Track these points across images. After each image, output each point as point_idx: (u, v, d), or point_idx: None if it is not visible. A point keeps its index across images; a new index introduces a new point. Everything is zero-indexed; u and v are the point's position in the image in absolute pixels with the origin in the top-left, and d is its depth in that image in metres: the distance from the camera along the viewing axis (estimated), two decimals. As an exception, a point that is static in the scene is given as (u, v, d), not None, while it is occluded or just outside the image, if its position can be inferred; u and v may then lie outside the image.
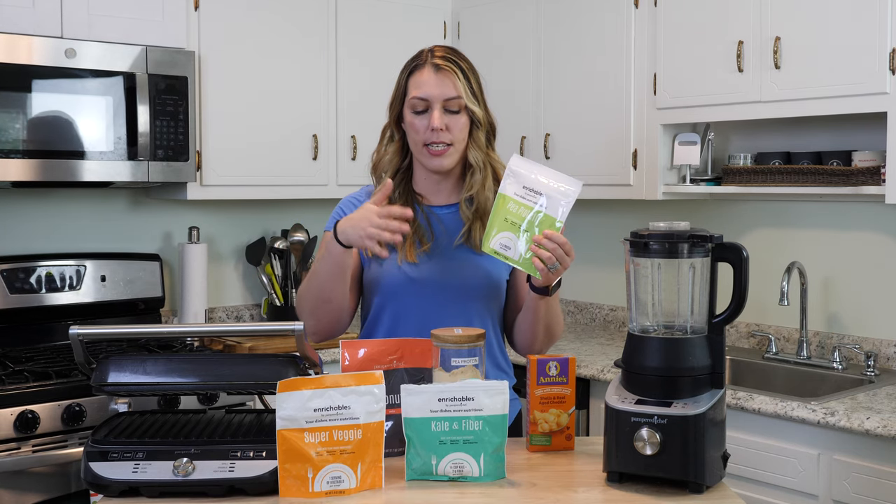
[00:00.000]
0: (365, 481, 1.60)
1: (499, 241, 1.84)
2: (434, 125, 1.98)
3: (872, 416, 2.41)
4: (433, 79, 2.00)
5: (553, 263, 1.81)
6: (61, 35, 3.02)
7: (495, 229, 1.84)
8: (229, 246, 3.86)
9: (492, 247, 1.84)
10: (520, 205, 1.83)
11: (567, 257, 1.82)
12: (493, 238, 1.84)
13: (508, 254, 1.83)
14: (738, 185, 3.21)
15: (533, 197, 1.83)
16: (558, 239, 1.81)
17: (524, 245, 1.83)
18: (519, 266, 1.84)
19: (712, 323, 1.68)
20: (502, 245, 1.83)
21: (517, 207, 1.83)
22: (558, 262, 1.81)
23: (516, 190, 1.84)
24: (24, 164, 2.94)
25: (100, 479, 1.58)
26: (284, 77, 3.58)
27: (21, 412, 2.61)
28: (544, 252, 1.80)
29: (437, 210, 2.09)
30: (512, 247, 1.83)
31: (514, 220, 1.83)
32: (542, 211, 1.83)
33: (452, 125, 2.00)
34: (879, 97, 2.75)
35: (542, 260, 1.80)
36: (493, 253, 1.84)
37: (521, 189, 1.84)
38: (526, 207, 1.83)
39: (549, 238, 1.80)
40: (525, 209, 1.83)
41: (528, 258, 1.82)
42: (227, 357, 1.86)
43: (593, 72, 3.52)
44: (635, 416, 1.61)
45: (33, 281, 3.25)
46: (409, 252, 2.02)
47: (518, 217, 1.83)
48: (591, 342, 3.58)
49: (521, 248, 1.83)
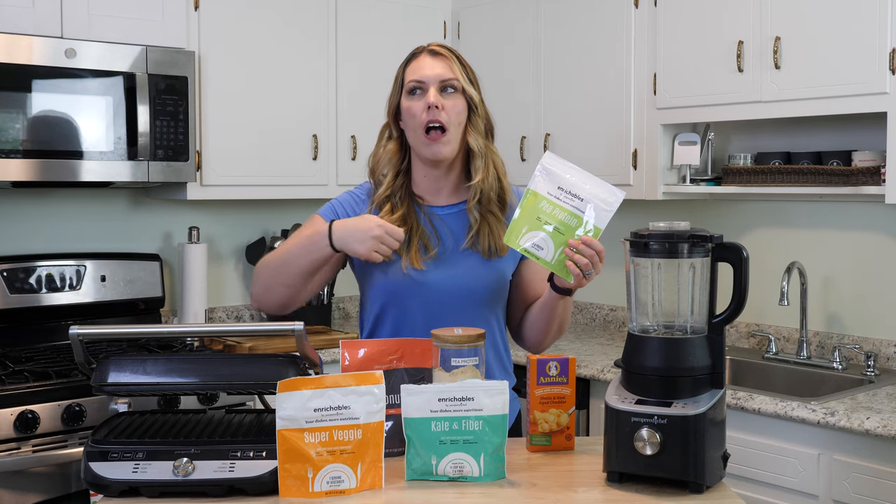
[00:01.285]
0: (365, 481, 1.60)
1: (531, 240, 1.80)
2: (430, 101, 1.97)
3: (872, 416, 2.41)
4: (429, 62, 2.01)
5: (588, 269, 1.80)
6: (61, 35, 3.02)
7: (526, 226, 1.81)
8: (229, 246, 3.86)
9: (522, 244, 1.81)
10: (554, 205, 1.80)
11: (600, 264, 1.82)
12: (523, 236, 1.81)
13: (540, 254, 1.81)
14: (738, 185, 3.21)
15: (569, 199, 1.80)
16: (596, 246, 1.80)
17: (557, 247, 1.80)
18: (550, 268, 1.82)
19: (712, 323, 1.68)
20: (535, 245, 1.80)
21: (551, 208, 1.80)
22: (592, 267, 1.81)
23: (550, 189, 1.81)
24: (25, 164, 2.94)
25: (100, 479, 1.58)
26: (284, 77, 3.58)
27: (21, 412, 2.61)
28: (581, 258, 1.79)
29: (440, 211, 2.07)
30: (545, 247, 1.80)
31: (547, 220, 1.80)
32: (580, 215, 1.80)
33: (449, 107, 1.99)
34: (879, 97, 2.75)
35: (579, 265, 1.79)
36: (522, 251, 1.82)
37: (555, 189, 1.81)
38: (561, 209, 1.80)
39: (588, 244, 1.79)
40: (560, 210, 1.80)
41: (561, 260, 1.80)
42: (227, 357, 1.86)
43: (593, 72, 3.52)
44: (635, 416, 1.61)
45: (33, 281, 3.25)
46: (414, 259, 2.00)
47: (552, 217, 1.80)
48: (591, 342, 3.58)
49: (554, 250, 1.80)
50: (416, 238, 2.01)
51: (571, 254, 1.79)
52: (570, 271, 1.80)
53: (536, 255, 1.81)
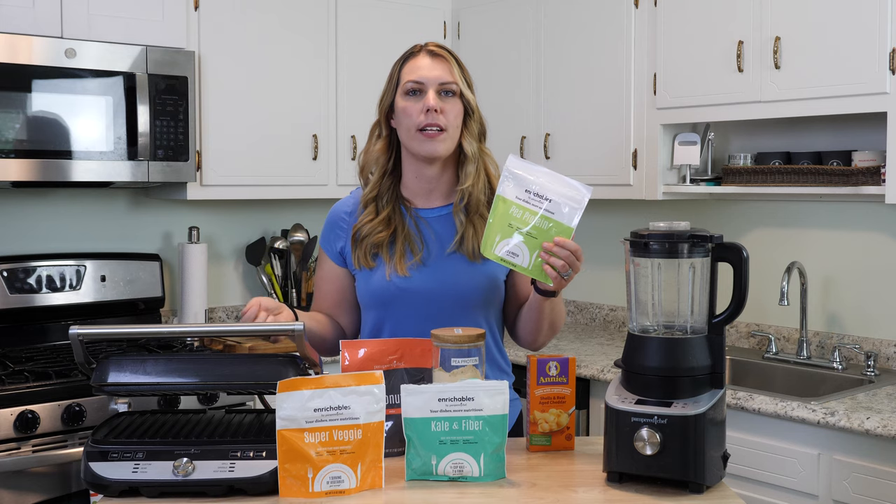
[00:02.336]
0: (365, 481, 1.60)
1: (504, 248, 1.79)
2: (430, 104, 1.96)
3: (872, 416, 2.41)
4: (429, 63, 2.00)
5: (566, 271, 1.80)
6: (61, 35, 3.02)
7: (498, 235, 1.79)
8: (229, 246, 3.86)
9: (497, 253, 1.79)
10: (524, 209, 1.79)
11: (578, 262, 1.80)
12: (497, 244, 1.79)
13: (516, 261, 1.79)
14: (738, 185, 3.21)
15: (538, 202, 1.79)
16: (570, 246, 1.78)
17: (532, 252, 1.79)
18: (528, 273, 1.81)
19: (712, 323, 1.68)
20: (509, 252, 1.79)
21: (521, 212, 1.79)
22: (570, 268, 1.80)
23: (518, 193, 1.79)
24: (24, 164, 2.94)
25: (100, 479, 1.58)
26: (284, 77, 3.58)
27: (21, 412, 2.61)
28: (556, 260, 1.78)
29: (426, 213, 2.06)
30: (520, 254, 1.79)
31: (518, 226, 1.79)
32: (551, 217, 1.78)
33: (447, 109, 1.98)
34: (879, 97, 2.75)
35: (555, 268, 1.78)
36: (498, 260, 1.80)
37: (523, 193, 1.79)
38: (531, 212, 1.79)
39: (561, 245, 1.78)
40: (530, 214, 1.79)
41: (538, 264, 1.79)
42: (227, 357, 1.86)
43: (593, 72, 3.52)
44: (635, 416, 1.61)
45: (33, 281, 3.25)
46: (398, 265, 1.99)
47: (522, 222, 1.79)
48: (591, 342, 3.58)
49: (529, 255, 1.79)
50: (401, 242, 2.00)
51: (546, 257, 1.78)
52: (547, 274, 1.80)
53: (513, 263, 1.80)
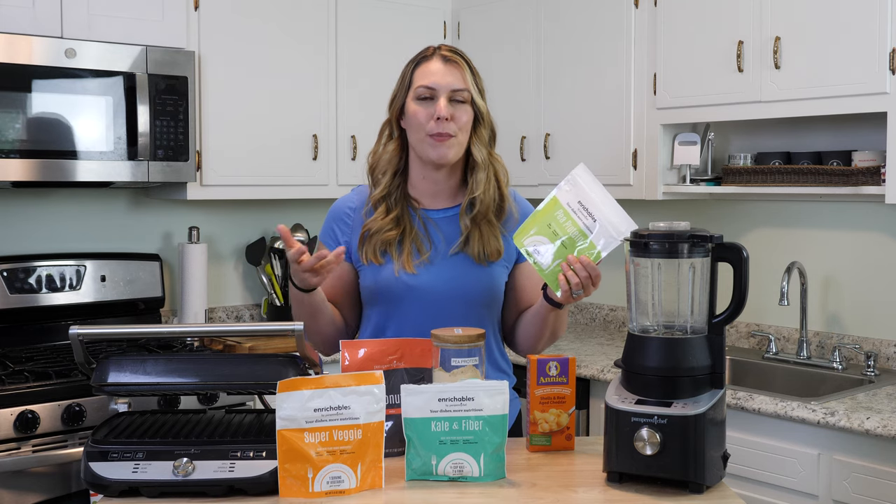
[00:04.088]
0: (365, 481, 1.60)
1: (534, 243, 1.82)
2: (441, 113, 1.95)
3: (872, 416, 2.41)
4: (441, 69, 2.00)
5: (578, 289, 1.81)
6: (61, 35, 3.02)
7: (535, 228, 1.82)
8: (229, 246, 3.86)
9: (525, 244, 1.83)
10: (569, 217, 1.81)
11: (592, 287, 1.82)
12: (530, 236, 1.82)
13: (538, 259, 1.82)
14: (738, 185, 3.21)
15: (584, 216, 1.81)
16: (592, 270, 1.80)
17: (556, 259, 1.81)
18: (542, 275, 1.83)
19: (712, 323, 1.68)
20: (535, 248, 1.82)
21: (565, 219, 1.81)
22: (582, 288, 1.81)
23: (570, 201, 1.82)
24: (24, 165, 2.94)
25: (100, 479, 1.58)
26: (284, 77, 3.58)
27: (21, 412, 2.61)
28: (574, 277, 1.79)
29: (434, 214, 2.06)
30: (544, 253, 1.81)
31: (556, 230, 1.81)
32: (587, 235, 1.81)
33: (458, 116, 1.98)
34: (879, 97, 2.75)
35: (570, 282, 1.80)
36: (523, 250, 1.83)
37: (575, 202, 1.82)
38: (573, 223, 1.81)
39: (585, 266, 1.80)
40: (571, 224, 1.81)
41: (556, 272, 1.81)
42: (227, 357, 1.86)
43: (593, 72, 3.52)
44: (635, 416, 1.61)
45: (33, 281, 3.25)
46: (406, 262, 2.00)
47: (562, 229, 1.81)
48: (591, 342, 3.58)
49: (552, 260, 1.81)
50: (409, 241, 2.01)
51: (566, 269, 1.80)
52: (559, 285, 1.81)
53: (535, 259, 1.83)
